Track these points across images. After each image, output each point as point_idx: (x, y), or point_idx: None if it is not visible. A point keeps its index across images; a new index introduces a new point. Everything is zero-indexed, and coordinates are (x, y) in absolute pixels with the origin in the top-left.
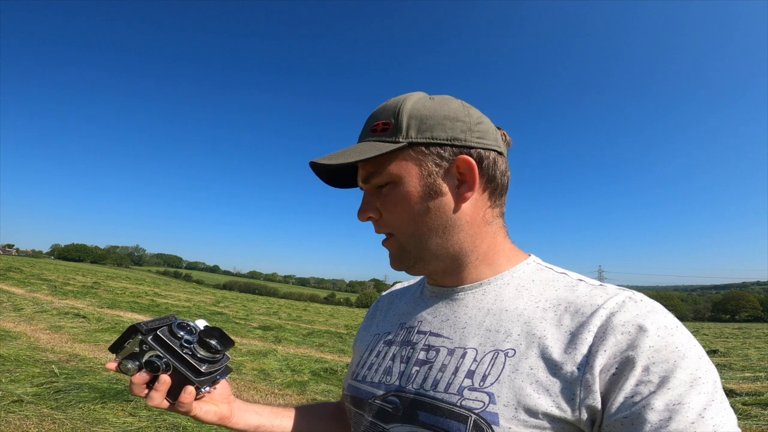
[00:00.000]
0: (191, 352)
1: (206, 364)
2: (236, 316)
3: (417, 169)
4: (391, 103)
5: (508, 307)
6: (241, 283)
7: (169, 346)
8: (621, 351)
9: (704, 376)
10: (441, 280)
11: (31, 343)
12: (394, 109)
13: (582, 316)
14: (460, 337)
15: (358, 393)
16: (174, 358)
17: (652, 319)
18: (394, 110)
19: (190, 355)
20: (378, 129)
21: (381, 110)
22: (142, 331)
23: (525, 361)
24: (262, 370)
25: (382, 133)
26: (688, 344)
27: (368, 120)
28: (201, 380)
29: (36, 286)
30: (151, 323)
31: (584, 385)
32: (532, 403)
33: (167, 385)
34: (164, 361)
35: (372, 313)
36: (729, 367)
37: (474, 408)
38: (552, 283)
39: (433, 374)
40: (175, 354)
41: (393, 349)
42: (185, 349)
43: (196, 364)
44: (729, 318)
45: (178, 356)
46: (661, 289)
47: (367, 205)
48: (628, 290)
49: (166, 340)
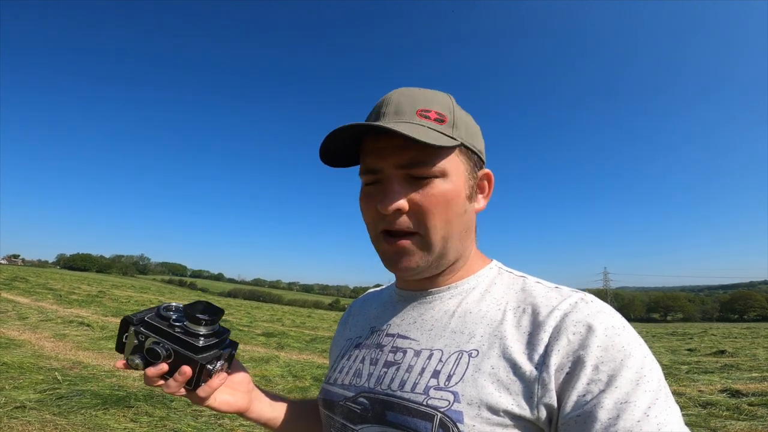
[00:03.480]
0: (183, 330)
1: (202, 338)
2: (240, 323)
3: (464, 170)
4: (437, 95)
5: (472, 309)
6: (245, 291)
7: (160, 328)
8: (573, 350)
9: (649, 374)
10: (416, 283)
11: (35, 350)
12: (446, 103)
13: (539, 317)
14: (427, 339)
15: (329, 396)
16: (169, 339)
17: (600, 319)
18: (447, 105)
19: (182, 333)
20: (431, 117)
21: (427, 98)
22: (133, 322)
23: (487, 361)
24: (264, 376)
25: (436, 122)
26: (633, 343)
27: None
28: (203, 356)
29: (41, 295)
30: (140, 314)
31: (541, 383)
32: (493, 402)
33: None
34: (162, 346)
35: (345, 318)
36: (737, 368)
37: (439, 407)
38: (512, 287)
39: (401, 375)
40: (168, 335)
41: (363, 352)
42: (176, 328)
43: (191, 340)
44: (737, 318)
45: (172, 337)
46: (668, 289)
47: (398, 195)
48: (581, 292)
49: (156, 324)
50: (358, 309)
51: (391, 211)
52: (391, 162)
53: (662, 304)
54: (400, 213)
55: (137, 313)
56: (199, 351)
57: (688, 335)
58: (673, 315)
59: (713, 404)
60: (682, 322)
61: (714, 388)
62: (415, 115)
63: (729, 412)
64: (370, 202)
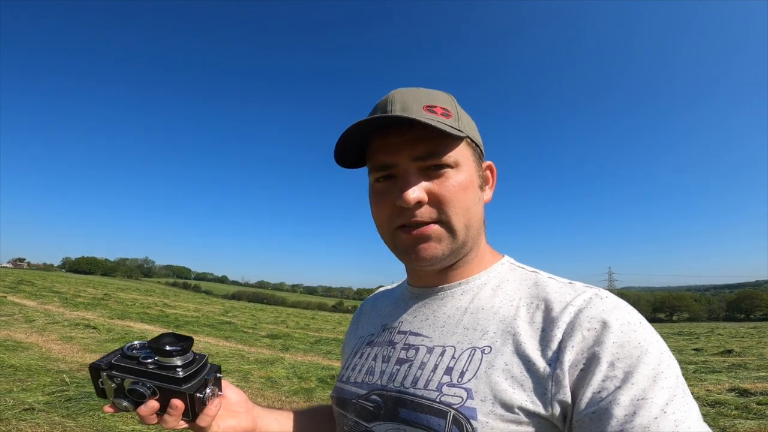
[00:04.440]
0: (157, 365)
1: (180, 369)
2: (244, 325)
3: (473, 160)
4: (439, 94)
5: (484, 305)
6: (249, 293)
7: (132, 368)
8: (588, 347)
9: (666, 370)
10: (428, 280)
11: (42, 353)
12: (448, 100)
13: (552, 313)
14: (439, 336)
15: (342, 394)
16: (147, 377)
17: (616, 315)
18: (450, 102)
19: (157, 368)
20: (438, 112)
21: (430, 95)
22: (102, 367)
23: (500, 357)
24: (269, 378)
25: (443, 116)
26: (650, 339)
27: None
28: (189, 386)
29: (47, 298)
30: (107, 358)
31: (555, 380)
32: (507, 398)
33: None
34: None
35: (357, 317)
36: (744, 367)
37: (453, 403)
38: (525, 282)
39: (413, 372)
40: (144, 373)
41: (375, 350)
42: (149, 365)
43: (169, 374)
44: (744, 317)
45: (149, 374)
46: (673, 289)
47: (418, 187)
48: (595, 288)
49: (126, 365)
50: (370, 307)
51: (412, 203)
52: (406, 155)
53: (668, 303)
54: (420, 205)
55: (103, 358)
56: (183, 382)
57: (694, 335)
58: (679, 315)
59: (721, 403)
60: (688, 322)
61: (722, 387)
62: (422, 110)
63: (737, 411)
64: (384, 199)
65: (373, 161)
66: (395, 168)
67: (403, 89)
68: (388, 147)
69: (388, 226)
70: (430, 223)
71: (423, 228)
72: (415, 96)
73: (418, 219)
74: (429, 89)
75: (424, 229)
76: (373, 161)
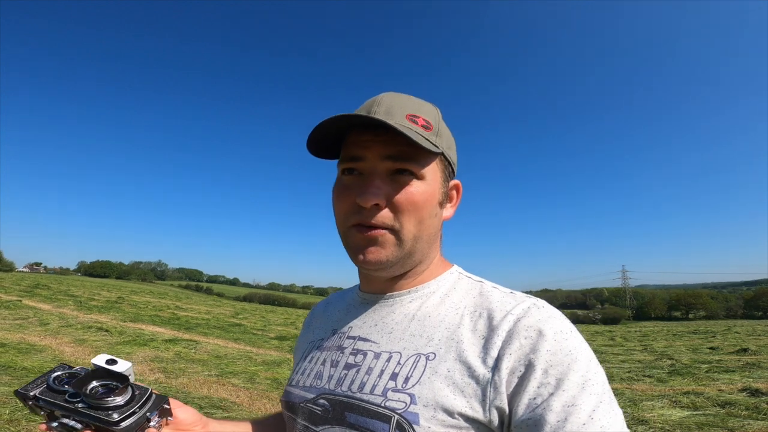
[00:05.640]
0: (87, 405)
1: (115, 411)
2: (254, 327)
3: (441, 177)
4: (426, 105)
5: (431, 313)
6: (260, 295)
7: (60, 404)
8: (525, 354)
9: (594, 377)
10: (379, 286)
11: (55, 355)
12: (433, 113)
13: (493, 321)
14: (387, 342)
15: (291, 398)
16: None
17: (551, 325)
18: (434, 115)
19: (87, 408)
20: (419, 123)
21: (416, 105)
22: (27, 397)
23: (444, 364)
24: (275, 379)
25: (423, 128)
26: (579, 348)
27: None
28: (125, 427)
29: (62, 301)
30: (31, 386)
31: (493, 386)
32: (448, 404)
33: None
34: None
35: (308, 321)
36: (758, 366)
37: (396, 408)
38: (470, 292)
39: (360, 377)
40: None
41: (324, 354)
42: (78, 404)
43: (102, 415)
44: (761, 315)
45: (78, 412)
46: (689, 287)
47: (379, 190)
48: (534, 297)
49: (52, 401)
50: (321, 311)
51: (370, 205)
52: (376, 152)
53: (684, 301)
54: (377, 208)
55: (28, 385)
56: (117, 424)
57: (710, 333)
58: (695, 313)
59: (732, 404)
60: (704, 320)
61: (734, 387)
62: (404, 118)
63: (748, 412)
64: (346, 194)
65: (345, 152)
66: (364, 162)
67: (393, 94)
68: (361, 142)
69: (343, 222)
70: (382, 228)
71: (374, 231)
72: (401, 103)
73: (372, 222)
74: (419, 99)
75: (375, 232)
76: (345, 152)
